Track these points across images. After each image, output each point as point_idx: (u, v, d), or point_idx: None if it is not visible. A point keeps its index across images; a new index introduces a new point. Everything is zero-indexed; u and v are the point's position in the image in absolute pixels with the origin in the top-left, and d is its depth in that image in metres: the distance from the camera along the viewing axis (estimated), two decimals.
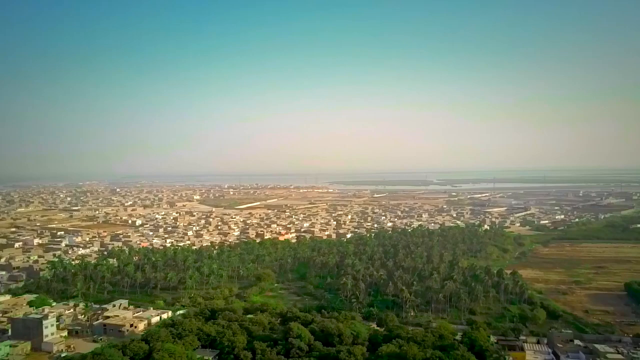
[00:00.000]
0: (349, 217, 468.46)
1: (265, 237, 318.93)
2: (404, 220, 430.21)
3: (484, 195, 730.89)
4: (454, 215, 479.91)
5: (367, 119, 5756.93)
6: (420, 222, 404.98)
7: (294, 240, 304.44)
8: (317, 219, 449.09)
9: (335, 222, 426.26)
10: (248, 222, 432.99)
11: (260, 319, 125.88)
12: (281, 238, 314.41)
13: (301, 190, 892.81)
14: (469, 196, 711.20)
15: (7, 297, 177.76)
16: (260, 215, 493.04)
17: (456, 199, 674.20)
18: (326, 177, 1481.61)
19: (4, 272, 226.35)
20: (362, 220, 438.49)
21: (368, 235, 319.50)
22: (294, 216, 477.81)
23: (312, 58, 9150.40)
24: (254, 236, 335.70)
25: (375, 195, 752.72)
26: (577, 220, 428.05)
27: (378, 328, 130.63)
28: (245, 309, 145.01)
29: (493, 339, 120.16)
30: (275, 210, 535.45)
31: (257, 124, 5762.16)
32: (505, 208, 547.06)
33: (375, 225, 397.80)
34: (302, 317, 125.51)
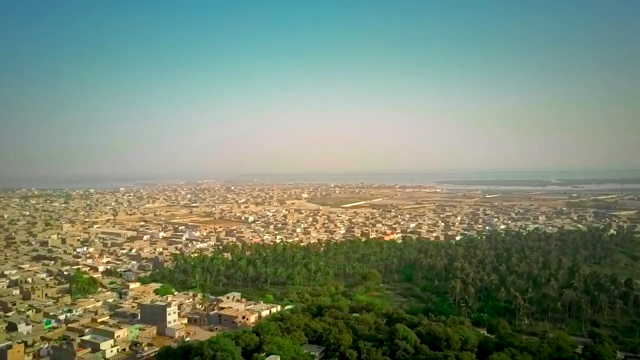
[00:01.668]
0: (459, 218, 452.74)
1: (371, 237, 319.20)
2: (519, 223, 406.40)
3: (609, 196, 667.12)
4: (575, 218, 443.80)
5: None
6: (536, 225, 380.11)
7: (399, 241, 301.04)
8: (424, 220, 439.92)
9: (443, 224, 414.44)
10: (353, 220, 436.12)
11: (366, 318, 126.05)
12: (387, 238, 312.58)
13: (407, 190, 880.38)
14: (592, 198, 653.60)
15: (137, 284, 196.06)
16: (365, 214, 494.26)
17: (577, 200, 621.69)
18: (434, 176, 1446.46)
19: (134, 262, 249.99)
20: (472, 222, 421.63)
21: (479, 237, 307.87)
22: (399, 216, 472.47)
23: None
24: (359, 235, 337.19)
25: (487, 196, 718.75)
26: None
27: (489, 335, 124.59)
28: (350, 308, 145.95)
29: (620, 355, 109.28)
30: (381, 210, 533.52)
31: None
32: (636, 211, 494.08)
33: (487, 228, 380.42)
34: (409, 318, 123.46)
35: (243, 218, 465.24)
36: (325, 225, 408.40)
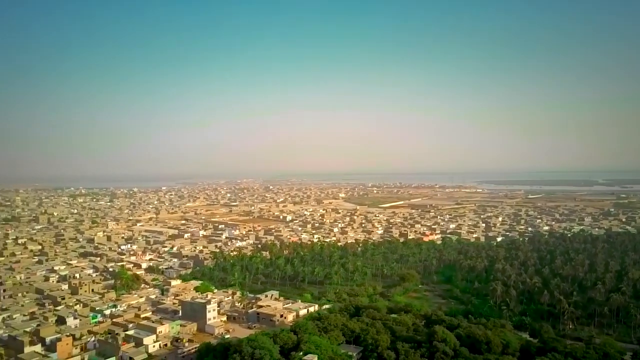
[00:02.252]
0: (500, 219, 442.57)
1: (409, 237, 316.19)
2: (563, 224, 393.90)
3: None
4: (623, 219, 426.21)
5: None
6: (581, 227, 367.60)
7: (439, 242, 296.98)
8: (464, 220, 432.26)
9: (484, 224, 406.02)
10: (391, 221, 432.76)
11: (404, 319, 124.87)
12: (425, 239, 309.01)
13: (447, 190, 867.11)
14: None
15: (178, 281, 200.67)
16: (403, 214, 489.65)
17: (626, 201, 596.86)
18: (475, 176, 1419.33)
19: (175, 260, 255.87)
20: (514, 223, 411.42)
21: (521, 239, 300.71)
22: (439, 216, 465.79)
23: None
24: (397, 235, 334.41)
25: (530, 196, 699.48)
26: None
27: (531, 339, 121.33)
28: (388, 308, 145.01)
29: None
30: (420, 210, 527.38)
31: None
32: None
33: (530, 229, 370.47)
34: (448, 320, 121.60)
35: (281, 217, 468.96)
36: (363, 225, 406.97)
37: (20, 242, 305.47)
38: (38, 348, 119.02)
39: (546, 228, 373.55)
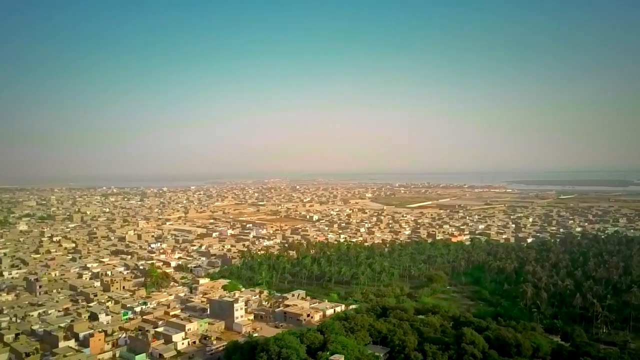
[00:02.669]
0: (530, 219, 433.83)
1: (437, 238, 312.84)
2: (596, 226, 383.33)
3: None
4: None
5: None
6: (616, 228, 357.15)
7: (467, 242, 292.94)
8: (493, 221, 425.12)
9: (514, 225, 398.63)
10: (419, 221, 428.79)
11: (432, 320, 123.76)
12: (454, 239, 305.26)
13: (476, 190, 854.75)
14: None
15: (206, 280, 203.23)
16: (431, 214, 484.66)
17: None
18: (504, 176, 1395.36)
19: (204, 258, 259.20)
20: (545, 224, 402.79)
21: (552, 240, 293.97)
22: (467, 217, 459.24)
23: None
24: (425, 236, 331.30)
25: (562, 197, 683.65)
26: None
27: (563, 343, 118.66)
28: (416, 309, 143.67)
29: None
30: (448, 210, 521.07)
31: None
32: None
33: (561, 230, 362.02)
34: (476, 322, 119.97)
35: (308, 217, 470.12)
36: (390, 225, 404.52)
37: (55, 239, 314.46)
38: (72, 343, 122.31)
39: (579, 229, 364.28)
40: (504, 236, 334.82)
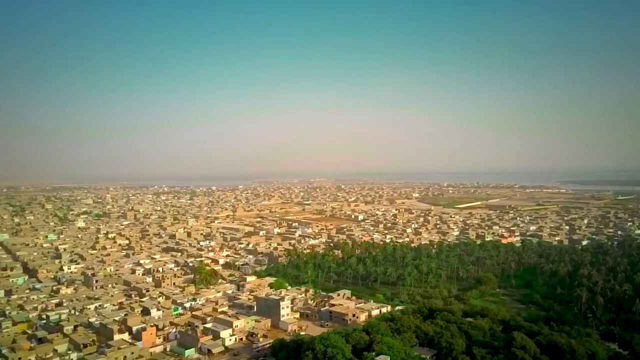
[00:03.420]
0: (585, 221, 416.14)
1: (487, 239, 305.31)
2: None
3: None
4: None
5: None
6: None
7: (518, 244, 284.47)
8: (545, 222, 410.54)
9: (567, 227, 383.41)
10: (468, 222, 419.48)
11: (481, 323, 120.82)
12: (504, 241, 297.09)
13: (527, 190, 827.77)
14: None
15: (253, 278, 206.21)
16: (481, 215, 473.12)
17: None
18: (557, 176, 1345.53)
19: (251, 256, 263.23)
20: (601, 226, 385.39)
21: (609, 243, 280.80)
22: (518, 218, 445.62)
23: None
24: (474, 237, 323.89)
25: (620, 197, 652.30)
26: None
27: (620, 350, 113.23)
28: (464, 312, 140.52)
29: None
30: (498, 211, 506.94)
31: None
32: None
33: (619, 232, 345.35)
34: (527, 327, 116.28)
35: (353, 216, 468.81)
36: (437, 226, 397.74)
37: (110, 236, 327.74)
38: (125, 336, 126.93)
39: (638, 232, 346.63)
40: (557, 238, 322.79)
